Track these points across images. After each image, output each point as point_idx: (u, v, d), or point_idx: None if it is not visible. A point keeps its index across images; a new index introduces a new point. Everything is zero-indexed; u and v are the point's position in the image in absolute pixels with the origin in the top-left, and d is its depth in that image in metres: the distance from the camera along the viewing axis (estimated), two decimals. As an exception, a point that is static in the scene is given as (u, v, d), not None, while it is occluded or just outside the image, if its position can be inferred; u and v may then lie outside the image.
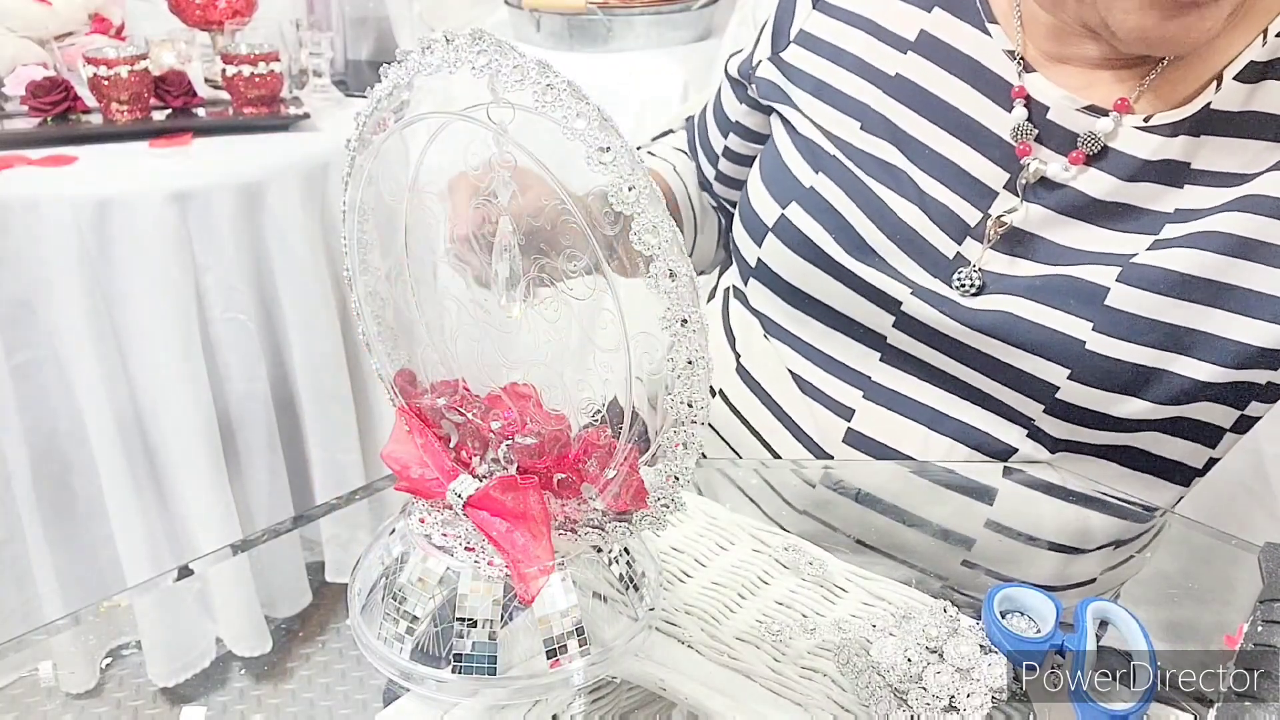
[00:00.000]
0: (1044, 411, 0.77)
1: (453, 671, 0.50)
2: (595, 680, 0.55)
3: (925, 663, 0.54)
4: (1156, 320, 0.72)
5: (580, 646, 0.51)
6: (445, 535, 0.53)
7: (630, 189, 0.43)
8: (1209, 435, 0.77)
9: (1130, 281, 0.73)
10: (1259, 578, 0.60)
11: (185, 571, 0.83)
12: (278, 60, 1.70)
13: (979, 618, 0.56)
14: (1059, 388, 0.75)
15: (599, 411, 0.50)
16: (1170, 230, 0.74)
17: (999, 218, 0.78)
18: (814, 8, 0.89)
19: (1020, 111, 0.78)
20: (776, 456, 0.89)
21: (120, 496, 1.50)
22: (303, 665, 0.72)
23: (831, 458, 0.85)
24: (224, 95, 1.74)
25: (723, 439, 0.93)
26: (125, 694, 0.68)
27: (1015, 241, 0.78)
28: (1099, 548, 0.82)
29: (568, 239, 0.45)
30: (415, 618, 0.51)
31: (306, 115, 1.72)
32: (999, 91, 0.80)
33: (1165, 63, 0.75)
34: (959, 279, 0.79)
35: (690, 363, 0.46)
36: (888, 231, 0.81)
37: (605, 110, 0.43)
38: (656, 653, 0.58)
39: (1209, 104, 0.74)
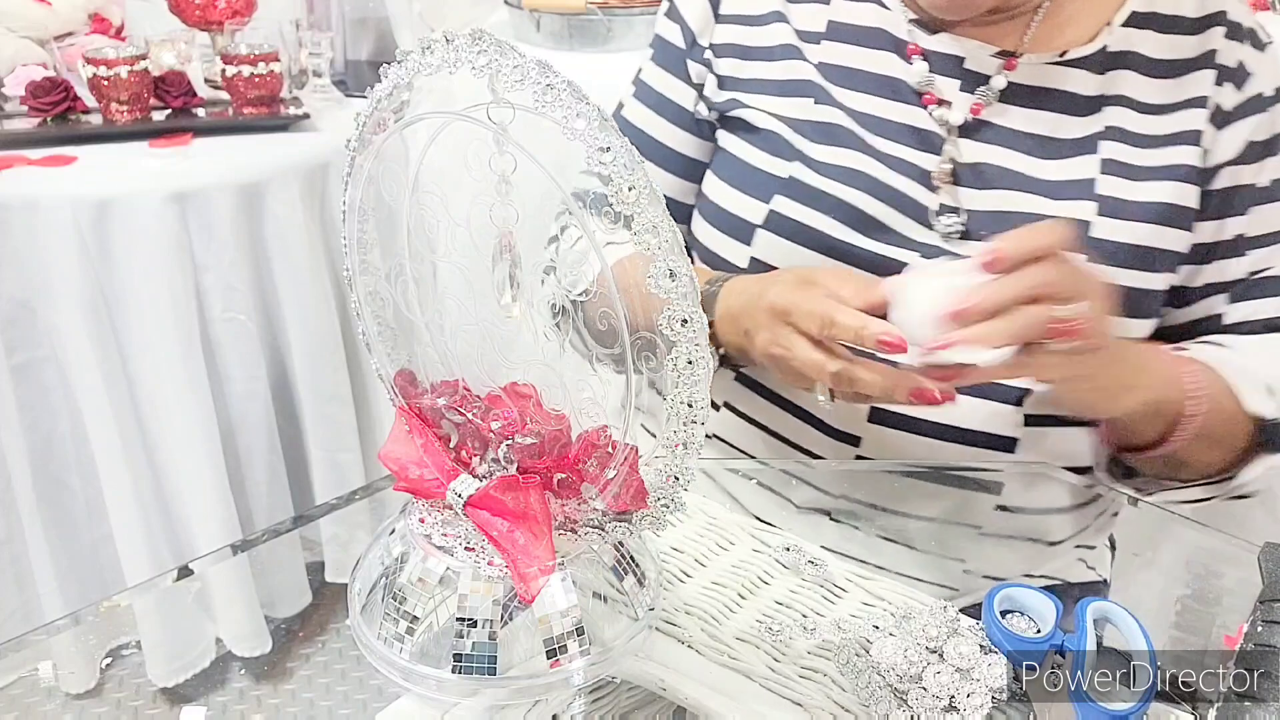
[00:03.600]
0: None
1: (453, 671, 0.50)
2: (595, 680, 0.55)
3: (925, 663, 0.54)
4: (1135, 245, 0.81)
5: (580, 646, 0.51)
6: (445, 535, 0.53)
7: (630, 189, 0.43)
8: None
9: (1109, 214, 0.81)
10: (1259, 578, 0.60)
11: (185, 571, 0.83)
12: (277, 60, 1.69)
13: (979, 617, 0.56)
14: None
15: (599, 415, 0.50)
16: (1107, 148, 0.82)
17: (945, 159, 0.84)
18: (718, 23, 0.94)
19: (920, 65, 0.86)
20: (808, 453, 0.89)
21: (120, 496, 1.50)
22: (303, 665, 0.72)
23: (859, 440, 0.85)
24: (224, 95, 1.74)
25: (742, 452, 0.93)
26: (125, 694, 0.68)
27: (980, 177, 0.84)
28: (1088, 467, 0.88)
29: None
30: (415, 618, 0.51)
31: (306, 115, 1.72)
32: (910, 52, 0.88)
33: (1040, 13, 0.85)
34: (943, 225, 0.83)
35: (690, 363, 0.46)
36: (878, 196, 0.84)
37: (605, 110, 0.43)
38: (656, 653, 0.58)
39: (1105, 45, 0.84)
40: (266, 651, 0.77)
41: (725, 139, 0.93)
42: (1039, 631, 0.54)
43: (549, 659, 0.50)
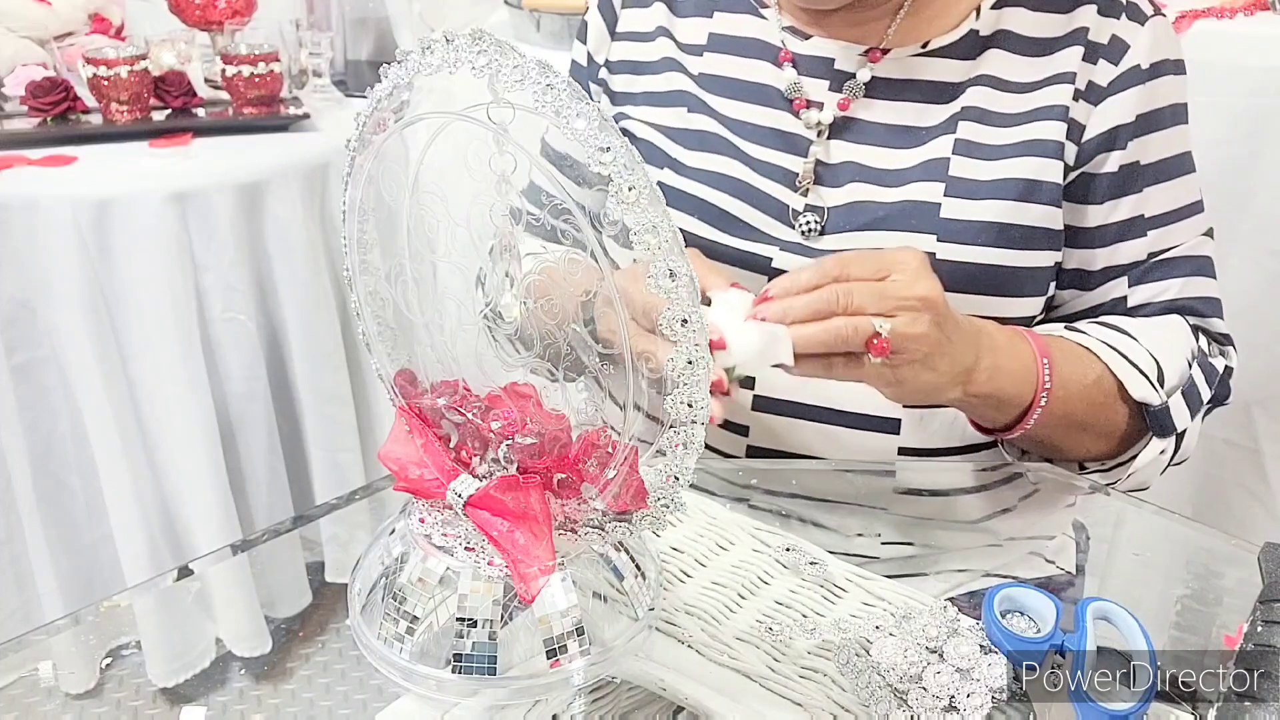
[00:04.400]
0: None
1: (453, 671, 0.50)
2: (595, 680, 0.55)
3: (925, 663, 0.54)
4: (989, 222, 0.82)
5: (580, 646, 0.51)
6: (445, 535, 0.53)
7: (630, 189, 0.43)
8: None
9: (957, 194, 0.83)
10: (1259, 578, 0.60)
11: (185, 571, 0.83)
12: (277, 60, 1.69)
13: (979, 617, 0.56)
14: None
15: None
16: (964, 129, 0.84)
17: (810, 160, 0.87)
18: (614, 40, 0.98)
19: (790, 72, 0.89)
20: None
21: (120, 496, 1.50)
22: (303, 665, 0.72)
23: (748, 429, 0.88)
24: (224, 95, 1.74)
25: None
26: (125, 694, 0.68)
27: (841, 175, 0.87)
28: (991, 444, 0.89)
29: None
30: (415, 618, 0.51)
31: (306, 115, 1.72)
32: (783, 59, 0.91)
33: (904, 10, 0.87)
34: (802, 223, 0.86)
35: (690, 363, 0.46)
36: (743, 198, 0.88)
37: (605, 110, 0.43)
38: (656, 653, 0.58)
39: (974, 30, 0.86)
40: (266, 651, 0.77)
41: None
42: (1039, 631, 0.54)
43: (549, 659, 0.50)
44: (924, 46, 0.86)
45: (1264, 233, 1.50)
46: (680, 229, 0.86)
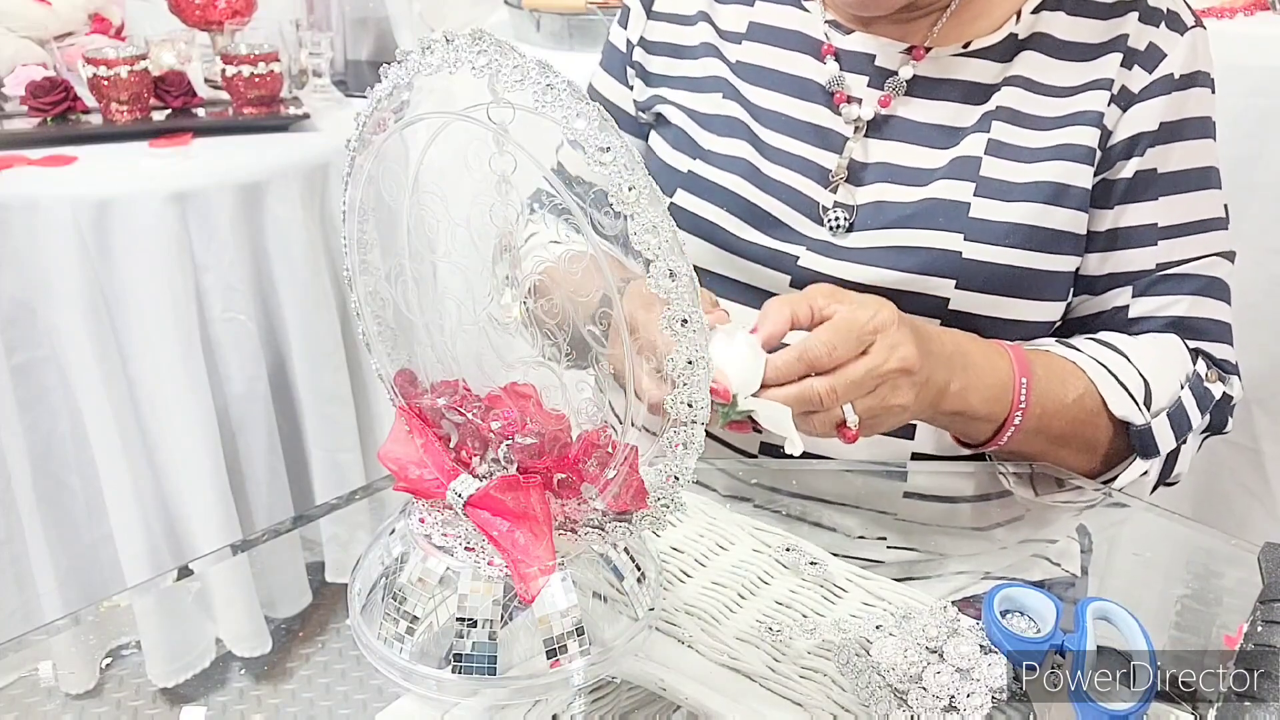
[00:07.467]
0: (941, 325, 0.82)
1: (453, 671, 0.50)
2: (595, 680, 0.55)
3: (925, 663, 0.54)
4: (1017, 224, 0.82)
5: (580, 646, 0.51)
6: (445, 535, 0.53)
7: (630, 189, 0.43)
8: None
9: (987, 194, 0.82)
10: (1259, 578, 0.60)
11: (185, 571, 0.83)
12: (277, 60, 1.69)
13: (979, 617, 0.56)
14: (949, 299, 0.83)
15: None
16: (997, 129, 0.84)
17: (845, 158, 0.87)
18: (650, 19, 0.98)
19: (832, 65, 0.89)
20: (714, 440, 0.91)
21: (120, 496, 1.50)
22: (303, 665, 0.72)
23: (761, 427, 0.86)
24: (224, 95, 1.74)
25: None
26: (125, 694, 0.68)
27: (873, 173, 0.86)
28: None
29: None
30: (415, 618, 0.51)
31: (306, 115, 1.72)
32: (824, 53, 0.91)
33: (949, 11, 0.86)
34: (831, 220, 0.85)
35: (690, 363, 0.46)
36: (772, 192, 0.87)
37: (605, 110, 0.43)
38: (656, 653, 0.58)
39: (1013, 33, 0.86)
40: (266, 651, 0.77)
41: (651, 136, 0.97)
42: (1039, 631, 0.54)
43: (549, 659, 0.50)
44: (965, 47, 0.86)
45: (1265, 232, 1.50)
46: (708, 221, 0.87)
